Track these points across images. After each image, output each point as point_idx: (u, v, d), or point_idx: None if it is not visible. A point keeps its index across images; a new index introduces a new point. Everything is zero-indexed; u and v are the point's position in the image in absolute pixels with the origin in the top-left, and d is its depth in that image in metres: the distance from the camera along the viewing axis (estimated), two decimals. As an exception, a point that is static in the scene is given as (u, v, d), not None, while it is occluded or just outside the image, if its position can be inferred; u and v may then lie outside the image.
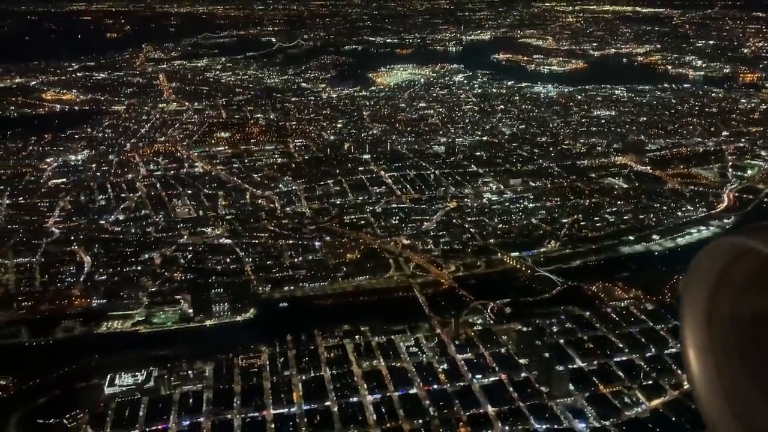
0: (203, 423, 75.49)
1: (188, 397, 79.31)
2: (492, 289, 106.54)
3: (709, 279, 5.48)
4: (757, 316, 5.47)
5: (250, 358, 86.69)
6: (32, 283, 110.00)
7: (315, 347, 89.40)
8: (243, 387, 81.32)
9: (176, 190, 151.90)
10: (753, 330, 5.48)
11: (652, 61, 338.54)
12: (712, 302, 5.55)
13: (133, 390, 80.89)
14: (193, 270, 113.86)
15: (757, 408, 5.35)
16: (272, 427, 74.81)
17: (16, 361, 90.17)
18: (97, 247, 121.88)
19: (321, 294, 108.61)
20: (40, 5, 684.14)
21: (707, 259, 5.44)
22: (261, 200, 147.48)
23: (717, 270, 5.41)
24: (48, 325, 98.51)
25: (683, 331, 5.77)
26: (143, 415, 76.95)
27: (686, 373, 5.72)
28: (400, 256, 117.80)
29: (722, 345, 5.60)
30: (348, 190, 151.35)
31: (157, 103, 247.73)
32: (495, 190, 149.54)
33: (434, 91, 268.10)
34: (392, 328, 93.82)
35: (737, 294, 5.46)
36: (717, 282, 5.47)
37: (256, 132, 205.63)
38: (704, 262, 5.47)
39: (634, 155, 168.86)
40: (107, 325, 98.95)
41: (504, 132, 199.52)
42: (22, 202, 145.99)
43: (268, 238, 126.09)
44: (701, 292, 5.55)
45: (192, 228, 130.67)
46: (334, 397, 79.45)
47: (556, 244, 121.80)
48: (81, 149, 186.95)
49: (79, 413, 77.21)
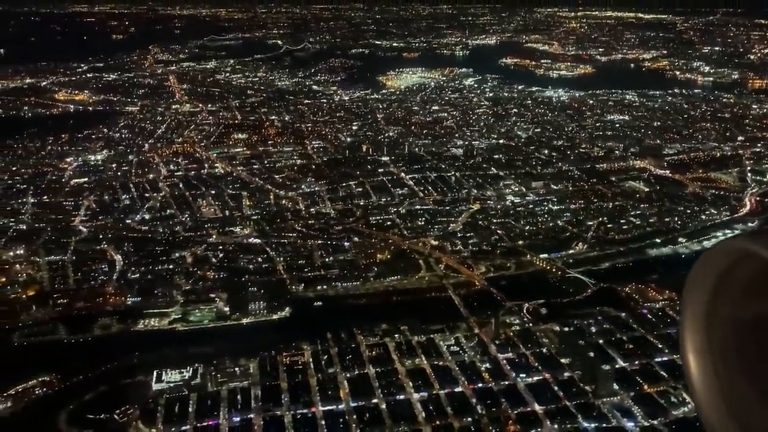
0: (254, 419, 75.93)
1: (236, 394, 79.80)
2: (524, 290, 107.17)
3: (709, 283, 5.48)
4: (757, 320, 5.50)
5: (294, 356, 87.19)
6: (66, 281, 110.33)
7: (357, 345, 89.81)
8: (289, 384, 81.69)
9: (199, 191, 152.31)
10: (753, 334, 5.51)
11: (659, 67, 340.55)
12: (712, 306, 5.56)
13: (180, 386, 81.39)
14: (225, 269, 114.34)
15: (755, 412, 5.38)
16: (322, 423, 75.19)
17: (56, 358, 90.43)
18: (127, 246, 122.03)
19: (354, 293, 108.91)
20: (42, 6, 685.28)
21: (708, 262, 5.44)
22: (285, 201, 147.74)
23: (717, 274, 5.42)
24: (85, 322, 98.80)
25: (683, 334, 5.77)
26: (193, 411, 77.37)
27: (685, 376, 5.75)
28: (429, 256, 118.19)
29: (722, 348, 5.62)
30: (371, 191, 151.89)
31: (171, 105, 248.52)
32: (517, 192, 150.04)
33: (446, 94, 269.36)
34: (430, 327, 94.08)
35: (737, 298, 5.48)
36: (717, 286, 5.48)
37: (272, 134, 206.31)
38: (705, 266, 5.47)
39: (652, 159, 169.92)
40: (144, 323, 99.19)
41: (520, 135, 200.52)
42: (46, 201, 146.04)
43: (297, 238, 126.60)
44: (701, 296, 5.57)
45: (220, 227, 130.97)
46: (381, 395, 79.98)
47: (583, 247, 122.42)
48: (99, 149, 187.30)
49: (129, 409, 77.49)
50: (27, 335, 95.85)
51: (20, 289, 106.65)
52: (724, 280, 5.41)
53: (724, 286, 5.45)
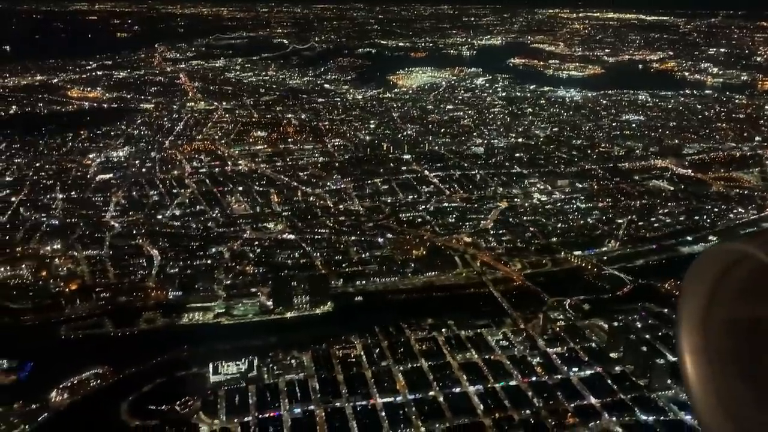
0: (316, 411, 76.58)
1: (294, 386, 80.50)
2: (562, 286, 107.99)
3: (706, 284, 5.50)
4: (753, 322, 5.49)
5: (346, 349, 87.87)
6: (106, 276, 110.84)
7: (406, 339, 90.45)
8: (345, 376, 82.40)
9: (226, 187, 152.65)
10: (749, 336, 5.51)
11: (667, 68, 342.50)
12: (708, 307, 5.57)
13: (237, 378, 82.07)
14: (264, 264, 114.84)
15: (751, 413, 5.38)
16: (383, 415, 75.91)
17: (105, 351, 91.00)
18: (162, 241, 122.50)
19: (393, 289, 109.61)
20: (43, 4, 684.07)
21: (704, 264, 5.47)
22: (312, 198, 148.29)
23: (714, 276, 5.44)
24: (130, 316, 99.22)
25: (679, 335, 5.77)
26: (253, 402, 77.97)
27: (682, 377, 5.75)
28: (465, 253, 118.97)
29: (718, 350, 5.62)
30: (397, 189, 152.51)
31: (185, 102, 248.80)
32: (543, 190, 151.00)
33: (459, 93, 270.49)
34: (476, 322, 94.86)
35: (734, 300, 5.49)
36: (714, 287, 5.49)
37: (291, 131, 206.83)
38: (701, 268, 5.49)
39: (673, 158, 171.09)
40: (188, 317, 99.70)
41: (538, 134, 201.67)
42: (75, 197, 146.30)
43: (330, 234, 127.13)
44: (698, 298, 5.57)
45: (252, 223, 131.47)
46: (437, 387, 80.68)
47: (616, 244, 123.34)
48: (120, 146, 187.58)
49: (189, 400, 78.11)
50: (74, 328, 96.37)
51: (62, 283, 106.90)
52: (721, 282, 5.44)
53: (720, 288, 5.47)
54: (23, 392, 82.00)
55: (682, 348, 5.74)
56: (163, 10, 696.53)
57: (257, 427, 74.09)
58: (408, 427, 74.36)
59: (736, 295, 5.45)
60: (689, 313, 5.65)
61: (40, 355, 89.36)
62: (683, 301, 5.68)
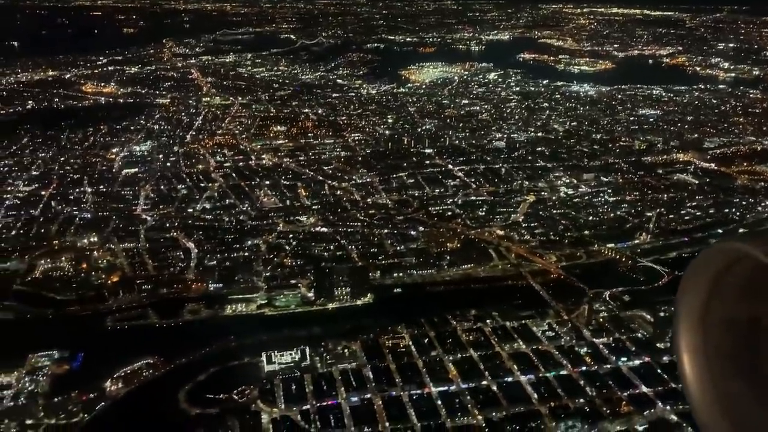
0: (373, 399, 77.42)
1: (349, 375, 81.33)
2: (599, 278, 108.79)
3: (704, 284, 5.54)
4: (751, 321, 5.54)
5: (394, 339, 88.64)
6: (145, 268, 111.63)
7: (453, 330, 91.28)
8: (398, 365, 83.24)
9: (253, 181, 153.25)
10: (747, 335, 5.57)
11: (678, 63, 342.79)
12: (706, 307, 5.62)
13: (291, 367, 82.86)
14: (301, 256, 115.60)
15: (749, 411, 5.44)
16: (439, 404, 76.78)
17: (152, 341, 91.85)
18: (197, 234, 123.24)
19: (431, 281, 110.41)
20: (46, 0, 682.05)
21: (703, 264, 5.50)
22: (339, 191, 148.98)
23: (712, 275, 5.48)
24: (173, 307, 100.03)
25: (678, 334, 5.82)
26: (310, 391, 78.83)
27: (680, 375, 5.82)
28: (499, 246, 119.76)
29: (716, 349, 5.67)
30: (423, 182, 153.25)
31: (201, 97, 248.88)
32: (569, 184, 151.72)
33: (472, 88, 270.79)
34: (520, 313, 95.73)
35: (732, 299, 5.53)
36: (712, 287, 5.53)
37: (310, 126, 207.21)
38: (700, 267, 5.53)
39: (695, 152, 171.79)
40: (232, 308, 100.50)
41: (557, 129, 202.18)
42: (104, 191, 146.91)
43: (363, 227, 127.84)
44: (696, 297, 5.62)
45: (284, 217, 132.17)
46: (489, 377, 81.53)
47: (647, 237, 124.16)
48: (142, 140, 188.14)
49: (246, 389, 78.94)
50: (119, 319, 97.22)
51: (104, 275, 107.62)
52: (719, 281, 5.49)
53: (718, 287, 5.52)
54: (77, 382, 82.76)
55: (680, 346, 5.82)
56: (165, 6, 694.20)
57: (317, 415, 74.84)
58: (465, 416, 75.14)
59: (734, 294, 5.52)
60: (688, 311, 5.72)
61: (88, 345, 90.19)
62: (682, 299, 5.74)
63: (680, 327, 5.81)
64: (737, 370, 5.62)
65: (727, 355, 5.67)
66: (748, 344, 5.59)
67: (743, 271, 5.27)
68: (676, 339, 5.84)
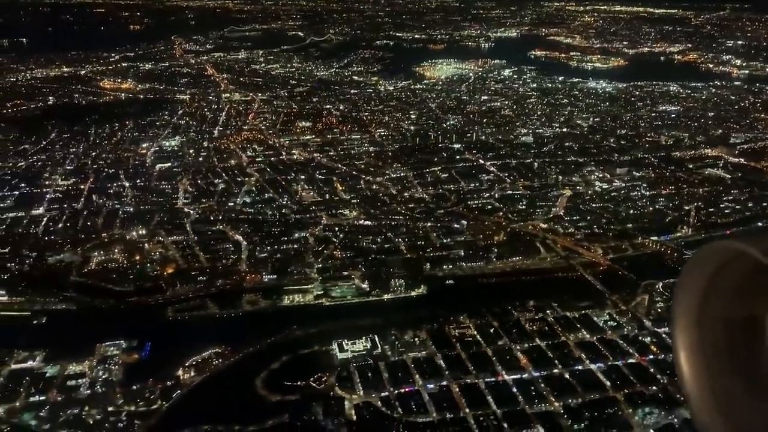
0: (450, 386, 78.46)
1: (421, 362, 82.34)
2: (647, 270, 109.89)
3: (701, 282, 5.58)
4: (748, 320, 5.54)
5: (460, 328, 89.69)
6: (198, 260, 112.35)
7: (516, 320, 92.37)
8: (467, 354, 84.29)
9: (288, 176, 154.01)
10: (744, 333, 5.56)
11: (690, 60, 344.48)
12: (703, 305, 5.65)
13: (364, 355, 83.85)
14: (349, 248, 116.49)
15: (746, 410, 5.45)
16: (514, 391, 77.86)
17: (216, 331, 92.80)
18: (243, 227, 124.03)
19: (481, 273, 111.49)
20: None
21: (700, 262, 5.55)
22: (375, 186, 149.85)
23: (709, 273, 5.52)
24: (232, 298, 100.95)
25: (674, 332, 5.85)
26: (386, 378, 79.84)
27: (677, 374, 5.86)
28: (545, 239, 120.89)
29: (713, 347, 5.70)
30: (457, 176, 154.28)
31: (220, 93, 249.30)
32: (602, 178, 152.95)
33: (489, 84, 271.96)
34: (579, 304, 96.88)
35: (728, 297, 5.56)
36: (709, 285, 5.57)
37: (334, 122, 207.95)
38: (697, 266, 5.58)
39: (724, 147, 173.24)
40: (289, 299, 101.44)
41: (581, 124, 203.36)
42: (141, 185, 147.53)
43: (406, 220, 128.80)
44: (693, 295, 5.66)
45: (326, 210, 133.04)
46: (560, 365, 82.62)
47: (689, 230, 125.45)
48: (169, 136, 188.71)
49: (322, 376, 79.94)
50: (180, 310, 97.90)
51: (158, 267, 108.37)
52: (716, 280, 5.53)
53: (715, 286, 5.56)
54: (149, 371, 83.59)
55: (677, 344, 5.87)
56: (168, 3, 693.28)
57: (397, 401, 75.81)
58: (542, 402, 76.25)
59: (731, 293, 5.55)
60: (685, 309, 5.77)
61: (153, 335, 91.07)
62: (679, 297, 5.80)
63: (677, 325, 5.86)
64: (735, 368, 5.64)
65: (724, 354, 5.69)
66: (746, 343, 5.58)
67: (740, 269, 5.31)
68: (674, 337, 5.90)
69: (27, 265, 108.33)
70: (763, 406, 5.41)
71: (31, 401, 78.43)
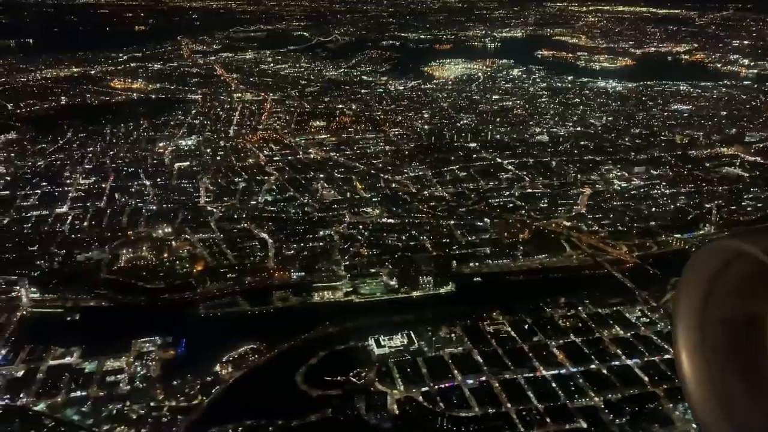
0: (491, 381, 78.87)
1: (459, 358, 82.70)
2: (674, 267, 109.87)
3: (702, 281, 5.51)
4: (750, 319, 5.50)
5: (494, 324, 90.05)
6: (226, 257, 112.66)
7: (549, 316, 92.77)
8: (504, 350, 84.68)
9: (307, 174, 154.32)
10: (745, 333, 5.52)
11: (697, 60, 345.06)
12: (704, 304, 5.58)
13: (401, 351, 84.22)
14: (375, 246, 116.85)
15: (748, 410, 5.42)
16: (554, 386, 78.26)
17: (249, 328, 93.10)
18: (268, 225, 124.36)
19: (508, 270, 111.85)
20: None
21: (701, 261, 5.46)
22: (394, 184, 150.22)
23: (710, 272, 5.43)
24: (262, 295, 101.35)
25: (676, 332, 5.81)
26: (425, 373, 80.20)
27: (678, 374, 5.82)
28: (570, 236, 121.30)
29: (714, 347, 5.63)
30: (476, 175, 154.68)
31: (231, 93, 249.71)
32: (621, 177, 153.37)
33: (499, 84, 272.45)
34: (609, 300, 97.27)
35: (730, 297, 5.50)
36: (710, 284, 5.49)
37: (348, 121, 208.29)
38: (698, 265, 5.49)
39: (740, 146, 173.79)
40: (319, 296, 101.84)
41: (594, 123, 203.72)
42: (162, 183, 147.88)
43: (429, 219, 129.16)
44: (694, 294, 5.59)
45: (349, 208, 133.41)
46: (597, 361, 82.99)
47: (711, 228, 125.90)
48: (185, 135, 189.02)
49: (362, 371, 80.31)
50: (211, 307, 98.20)
51: (187, 265, 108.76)
52: (717, 279, 5.45)
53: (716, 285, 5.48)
54: (185, 367, 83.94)
55: (678, 344, 5.83)
56: (171, 4, 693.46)
57: (439, 396, 76.19)
58: (583, 397, 76.64)
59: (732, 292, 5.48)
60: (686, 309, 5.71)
61: (187, 331, 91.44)
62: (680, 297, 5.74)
63: (678, 325, 5.83)
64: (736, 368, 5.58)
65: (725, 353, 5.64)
66: (747, 342, 5.55)
67: (741, 268, 5.25)
68: (675, 337, 5.87)
69: (56, 263, 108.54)
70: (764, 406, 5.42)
71: (72, 396, 78.77)
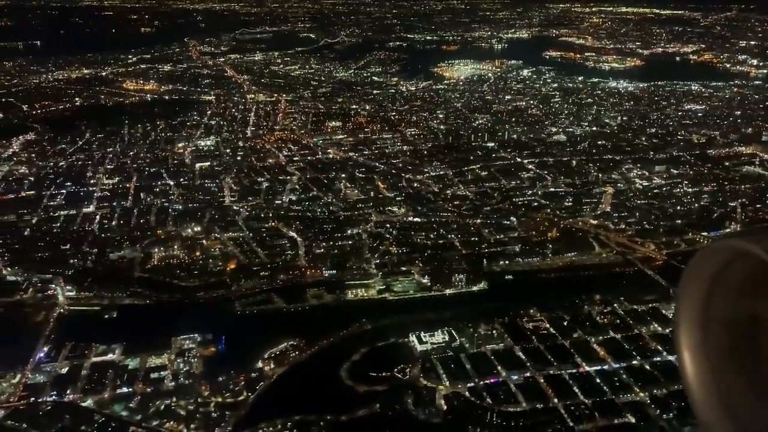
0: (535, 376, 79.32)
1: (502, 354, 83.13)
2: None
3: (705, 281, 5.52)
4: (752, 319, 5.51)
5: (533, 321, 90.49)
6: (257, 256, 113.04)
7: (587, 313, 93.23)
8: (545, 346, 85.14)
9: (329, 174, 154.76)
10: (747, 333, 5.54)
11: (705, 60, 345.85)
12: (707, 304, 5.59)
13: (443, 347, 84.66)
14: (404, 245, 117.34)
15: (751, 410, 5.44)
16: (597, 381, 78.71)
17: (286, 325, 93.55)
18: (296, 224, 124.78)
19: (538, 268, 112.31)
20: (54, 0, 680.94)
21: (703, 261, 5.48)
22: (416, 183, 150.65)
23: (713, 272, 5.45)
24: (296, 292, 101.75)
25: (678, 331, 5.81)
26: (470, 369, 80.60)
27: (680, 373, 5.83)
28: (598, 235, 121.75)
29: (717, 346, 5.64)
30: (497, 174, 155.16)
31: (244, 94, 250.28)
32: (642, 176, 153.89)
33: (510, 84, 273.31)
34: (645, 297, 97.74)
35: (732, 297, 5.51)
36: (713, 284, 5.50)
37: (363, 122, 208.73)
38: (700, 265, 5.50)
39: (758, 145, 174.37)
40: (353, 293, 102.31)
41: (609, 123, 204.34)
42: (185, 183, 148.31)
43: (455, 217, 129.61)
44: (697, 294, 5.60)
45: (374, 207, 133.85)
46: (639, 357, 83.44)
47: (737, 226, 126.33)
48: (203, 136, 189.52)
49: (406, 367, 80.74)
50: (247, 304, 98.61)
51: (220, 263, 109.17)
52: (719, 279, 5.47)
53: (718, 285, 5.49)
54: (227, 363, 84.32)
55: (680, 344, 5.83)
56: (174, 6, 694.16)
57: (485, 392, 76.62)
58: (628, 393, 77.10)
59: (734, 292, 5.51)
60: (688, 309, 5.72)
61: (226, 328, 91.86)
62: (682, 297, 5.75)
63: (681, 325, 5.84)
64: (738, 367, 5.61)
65: (727, 353, 5.67)
66: (749, 342, 5.59)
67: (743, 268, 5.27)
68: (677, 337, 5.87)
69: (90, 261, 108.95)
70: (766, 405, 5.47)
71: (118, 393, 79.09)
